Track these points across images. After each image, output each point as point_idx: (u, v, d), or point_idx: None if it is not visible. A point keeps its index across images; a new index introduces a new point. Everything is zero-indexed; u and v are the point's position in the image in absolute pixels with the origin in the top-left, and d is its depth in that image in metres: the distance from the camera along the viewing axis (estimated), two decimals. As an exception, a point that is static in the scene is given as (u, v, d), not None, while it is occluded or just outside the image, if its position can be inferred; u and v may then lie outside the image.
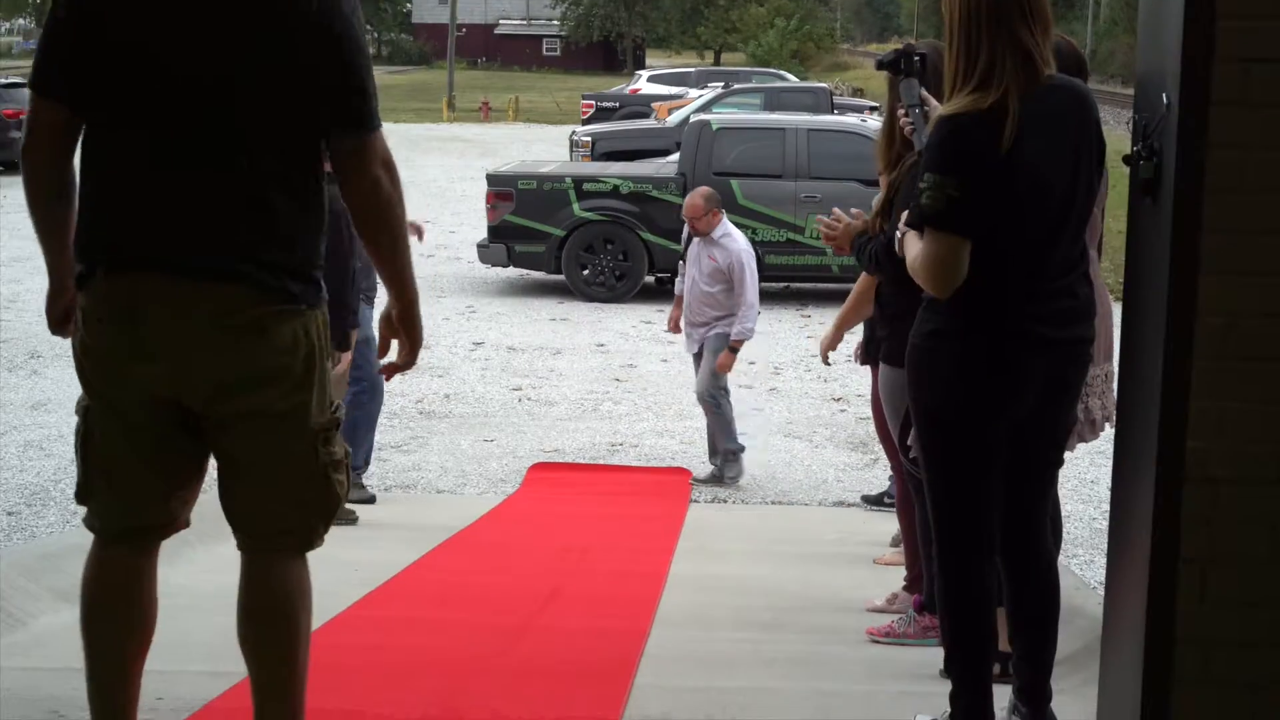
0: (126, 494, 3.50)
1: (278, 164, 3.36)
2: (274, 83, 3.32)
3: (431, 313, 15.24)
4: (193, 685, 4.53)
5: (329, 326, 3.55)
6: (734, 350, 9.43)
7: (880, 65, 4.88)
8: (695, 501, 9.14)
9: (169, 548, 3.72)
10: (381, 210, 3.45)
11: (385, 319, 3.57)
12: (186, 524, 3.65)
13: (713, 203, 9.55)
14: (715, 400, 9.44)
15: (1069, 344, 4.04)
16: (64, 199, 3.49)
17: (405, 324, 3.55)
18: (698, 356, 9.64)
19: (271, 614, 3.50)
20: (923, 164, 3.95)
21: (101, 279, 3.37)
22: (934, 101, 4.70)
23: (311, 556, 3.59)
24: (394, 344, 3.61)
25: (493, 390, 12.19)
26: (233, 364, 3.36)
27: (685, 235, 9.78)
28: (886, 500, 8.49)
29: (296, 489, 3.48)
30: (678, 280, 9.98)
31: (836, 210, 5.39)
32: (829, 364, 7.42)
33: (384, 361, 3.67)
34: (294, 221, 3.40)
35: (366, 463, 8.76)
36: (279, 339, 3.38)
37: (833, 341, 7.00)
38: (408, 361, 3.60)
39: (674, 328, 10.00)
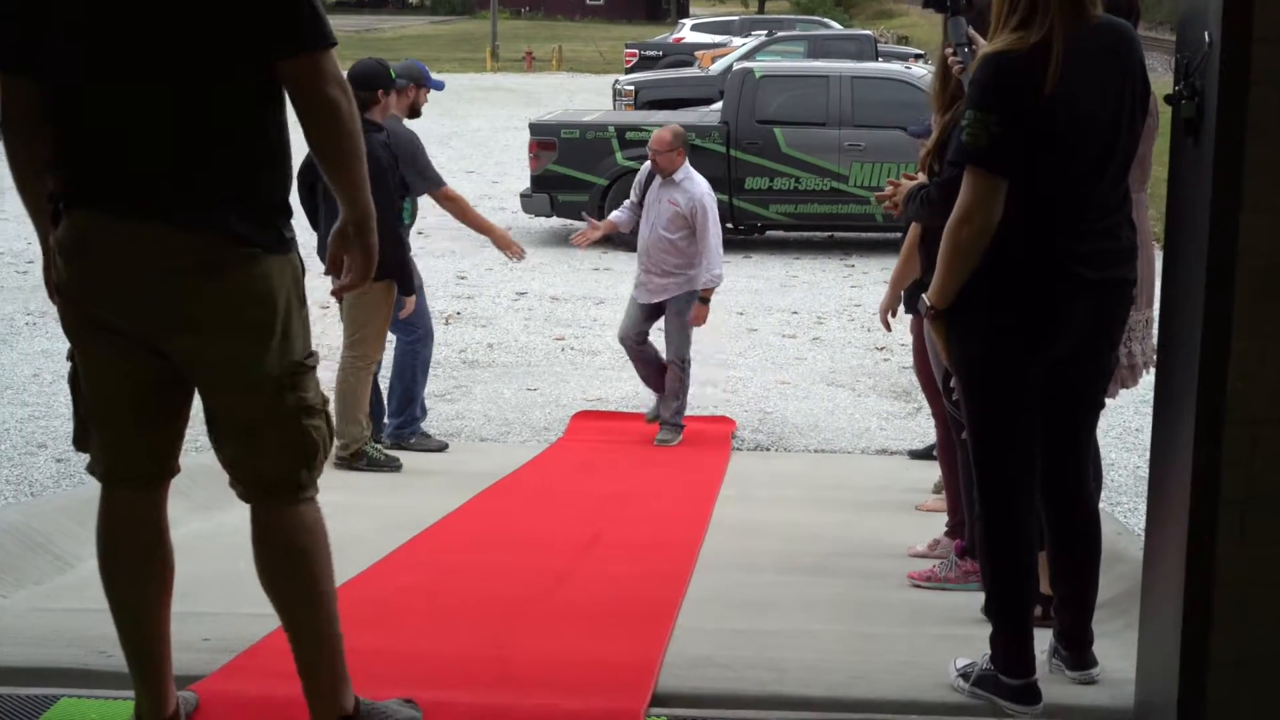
0: (110, 433, 3.49)
1: (223, 101, 3.26)
2: (208, 10, 3.22)
3: (475, 263, 15.29)
4: (240, 625, 4.58)
5: (301, 273, 3.46)
6: (705, 301, 9.15)
7: (927, 3, 4.86)
8: (737, 449, 9.16)
9: (220, 493, 3.75)
10: (341, 132, 3.32)
11: (339, 233, 3.44)
12: (178, 469, 3.63)
13: (680, 141, 9.17)
14: (685, 364, 9.19)
15: (1109, 285, 4.04)
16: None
17: (361, 240, 3.44)
18: (648, 308, 9.29)
19: (281, 558, 3.50)
20: (966, 101, 3.95)
21: (63, 218, 3.34)
22: (981, 40, 4.69)
23: (356, 502, 3.59)
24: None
25: (536, 340, 12.22)
26: (180, 307, 3.30)
27: (643, 177, 9.35)
28: (935, 455, 8.50)
29: (271, 438, 3.43)
30: (616, 212, 9.66)
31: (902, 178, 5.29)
32: (891, 329, 7.22)
33: (336, 285, 3.54)
34: (240, 160, 3.31)
35: (424, 411, 8.81)
36: (233, 284, 3.30)
37: (891, 302, 6.79)
38: (362, 277, 3.47)
39: (584, 238, 9.46)
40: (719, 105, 17.97)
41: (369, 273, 3.49)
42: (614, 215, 9.68)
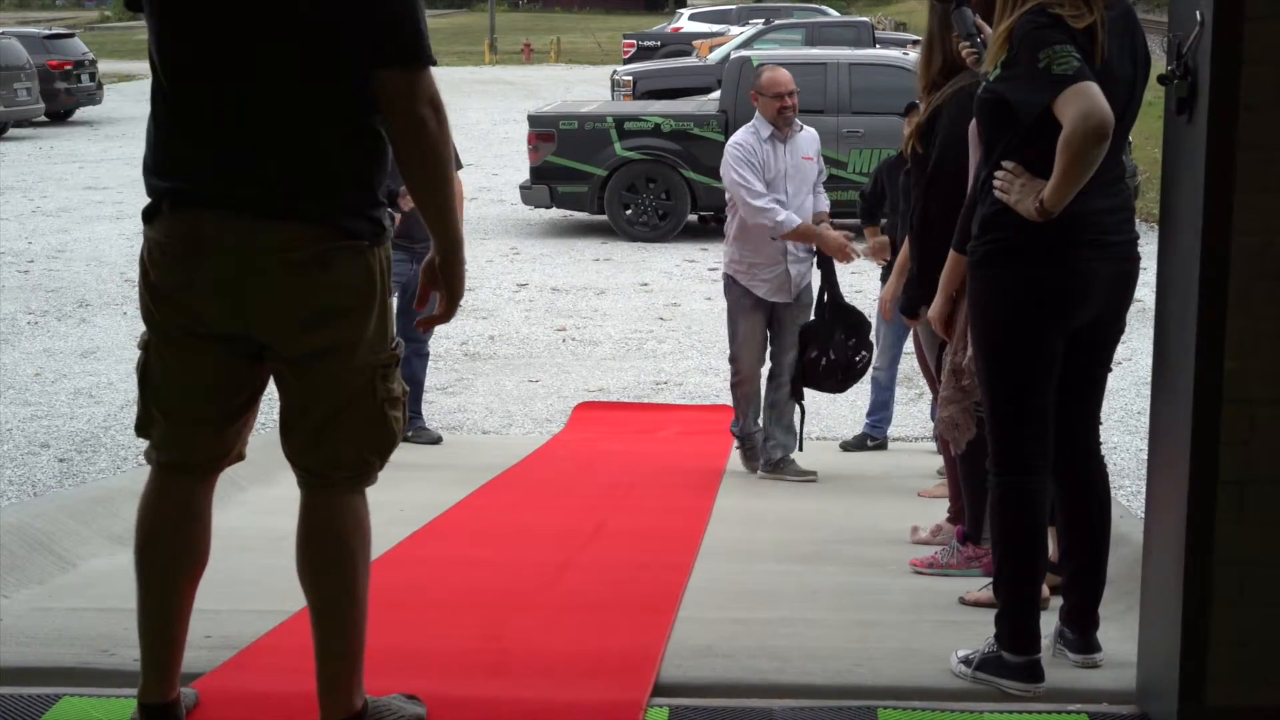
0: (183, 426, 3.51)
1: (331, 100, 3.33)
2: (323, 16, 3.28)
3: (475, 255, 15.29)
4: (240, 623, 4.58)
5: (391, 263, 3.53)
6: None
7: None
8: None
9: (219, 491, 3.75)
10: (426, 152, 3.36)
11: (427, 267, 3.48)
12: (241, 456, 3.67)
13: None
14: None
15: (1127, 246, 4.11)
16: None
17: (447, 271, 3.45)
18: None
19: (330, 549, 3.51)
20: (1033, 43, 3.86)
21: (167, 214, 3.38)
22: (988, 29, 4.72)
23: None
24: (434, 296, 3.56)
25: (537, 331, 12.22)
26: (296, 300, 3.35)
27: (757, 153, 8.10)
28: (869, 445, 8.56)
29: (356, 426, 3.47)
30: (782, 210, 7.90)
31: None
32: (890, 319, 7.22)
33: (421, 315, 3.65)
34: (350, 158, 3.38)
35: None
36: (341, 275, 3.37)
37: (894, 291, 6.51)
38: (447, 314, 3.53)
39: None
40: (717, 94, 17.94)
41: (455, 307, 3.53)
42: (788, 214, 7.89)
